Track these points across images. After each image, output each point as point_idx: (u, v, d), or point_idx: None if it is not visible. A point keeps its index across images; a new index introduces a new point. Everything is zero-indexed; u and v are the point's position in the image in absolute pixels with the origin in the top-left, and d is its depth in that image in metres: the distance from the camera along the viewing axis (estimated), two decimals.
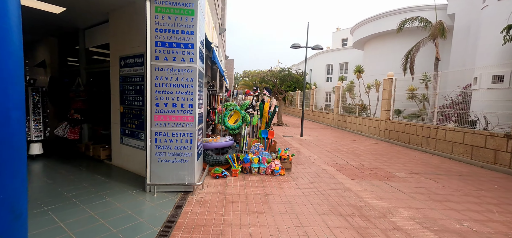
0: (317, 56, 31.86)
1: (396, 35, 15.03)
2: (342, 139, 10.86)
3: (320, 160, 6.58)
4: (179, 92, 3.68)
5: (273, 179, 4.76)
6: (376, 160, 6.90)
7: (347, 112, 15.37)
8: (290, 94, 31.68)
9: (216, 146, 4.99)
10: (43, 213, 2.96)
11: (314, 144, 9.03)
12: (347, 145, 9.25)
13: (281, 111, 16.57)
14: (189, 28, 3.63)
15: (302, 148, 8.10)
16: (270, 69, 16.79)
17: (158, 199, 3.55)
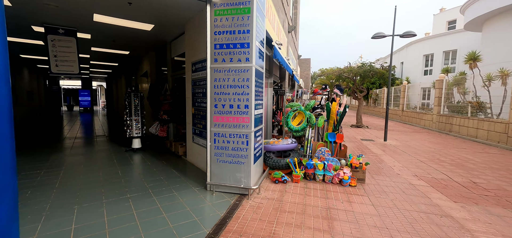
0: (411, 46, 26.89)
1: None
2: (444, 145, 8.58)
3: (407, 171, 5.33)
4: (236, 93, 3.65)
5: (341, 190, 4.12)
6: (498, 177, 5.02)
7: (453, 112, 12.17)
8: (374, 93, 28.06)
9: (277, 148, 4.76)
10: (125, 200, 3.50)
11: (401, 151, 7.48)
12: (451, 153, 7.21)
13: (361, 111, 14.73)
14: (245, 27, 3.54)
15: (384, 155, 6.83)
16: (348, 65, 15.20)
17: (215, 199, 3.63)
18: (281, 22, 7.14)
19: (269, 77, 6.54)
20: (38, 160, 5.49)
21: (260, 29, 3.99)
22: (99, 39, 7.18)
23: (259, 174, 4.25)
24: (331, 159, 4.71)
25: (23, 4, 4.49)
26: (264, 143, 4.82)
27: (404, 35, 9.15)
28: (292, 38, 10.75)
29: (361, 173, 4.56)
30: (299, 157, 4.77)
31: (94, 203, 3.39)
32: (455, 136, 11.01)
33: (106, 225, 2.83)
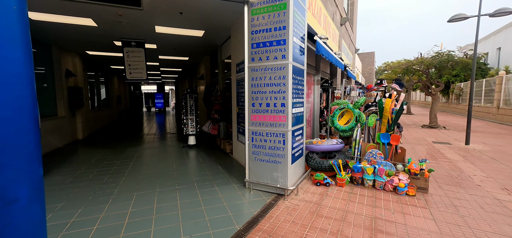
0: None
1: None
2: None
3: (493, 183, 4.25)
4: (272, 92, 3.61)
5: (394, 199, 3.59)
6: None
7: None
8: (458, 87, 23.47)
9: (320, 148, 4.48)
10: (173, 191, 3.89)
11: (489, 158, 6.01)
12: None
13: (437, 109, 12.52)
14: (281, 24, 3.46)
15: (462, 162, 5.62)
16: (418, 56, 13.12)
17: (252, 197, 3.67)
18: (330, 15, 6.68)
19: (315, 74, 6.22)
20: (117, 152, 6.64)
21: (299, 25, 3.84)
22: (163, 48, 8.20)
23: (298, 174, 4.09)
24: (383, 163, 4.16)
25: (104, 23, 5.49)
26: (307, 143, 4.61)
27: (495, 14, 7.33)
28: (346, 31, 9.95)
29: (423, 181, 3.87)
30: (346, 159, 4.38)
31: (149, 191, 3.89)
32: None
33: (154, 211, 3.21)
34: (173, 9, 4.70)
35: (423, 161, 4.29)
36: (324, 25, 5.91)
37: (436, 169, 5.01)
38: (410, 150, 6.77)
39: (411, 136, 9.32)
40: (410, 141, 8.22)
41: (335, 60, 5.51)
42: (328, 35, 6.53)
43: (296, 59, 3.74)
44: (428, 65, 12.09)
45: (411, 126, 12.43)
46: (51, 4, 4.34)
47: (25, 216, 0.93)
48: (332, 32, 6.97)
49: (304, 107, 4.29)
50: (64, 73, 7.97)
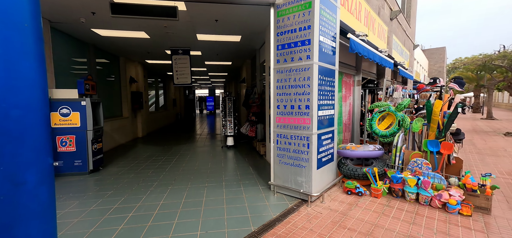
0: None
1: None
2: None
3: None
4: (297, 93, 3.50)
5: (441, 217, 3.05)
6: None
7: None
8: None
9: (354, 155, 4.11)
10: (202, 188, 4.13)
11: None
12: None
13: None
14: (306, 23, 3.34)
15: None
16: (498, 51, 10.88)
17: (275, 200, 3.61)
18: (375, 10, 6.07)
19: (356, 74, 5.74)
20: (165, 150, 7.40)
21: (329, 23, 3.63)
22: (207, 54, 8.79)
23: (326, 181, 3.85)
24: (431, 175, 3.58)
25: (155, 35, 6.22)
26: (340, 148, 4.30)
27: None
28: (399, 26, 8.90)
29: (484, 199, 3.18)
30: (384, 168, 3.92)
31: (182, 186, 4.22)
32: None
33: (181, 205, 3.47)
34: (209, 17, 5.01)
35: (487, 175, 3.53)
36: (365, 22, 5.41)
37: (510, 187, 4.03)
38: (478, 162, 5.62)
39: (485, 145, 7.73)
40: (483, 151, 6.82)
41: (379, 59, 5.00)
42: (373, 31, 5.97)
43: (324, 59, 3.55)
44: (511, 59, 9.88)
45: (490, 133, 10.29)
46: (112, 22, 5.15)
47: (32, 197, 1.15)
48: (378, 28, 6.33)
49: (336, 110, 4.03)
50: (129, 80, 9.30)
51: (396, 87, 4.54)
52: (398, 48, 8.71)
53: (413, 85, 10.72)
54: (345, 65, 5.28)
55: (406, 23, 9.88)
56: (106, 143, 7.25)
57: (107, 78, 8.18)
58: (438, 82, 5.11)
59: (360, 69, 5.77)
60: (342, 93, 5.27)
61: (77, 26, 5.33)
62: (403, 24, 9.37)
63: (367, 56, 4.47)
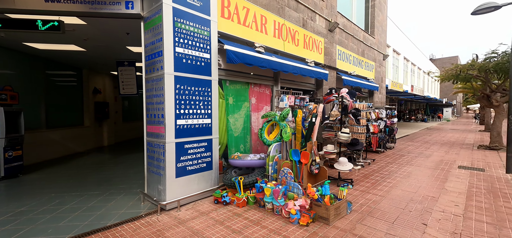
0: None
1: None
2: None
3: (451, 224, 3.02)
4: (157, 102, 3.63)
5: (275, 227, 3.01)
6: None
7: None
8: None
9: (238, 164, 4.12)
10: (80, 196, 4.28)
11: (505, 193, 4.24)
12: None
13: (500, 125, 9.60)
14: (158, 36, 3.51)
15: (458, 196, 4.16)
16: (471, 59, 10.50)
17: (137, 208, 3.69)
18: (298, 23, 6.12)
19: (274, 85, 5.77)
20: (110, 158, 7.64)
21: (194, 35, 3.77)
22: None
23: (195, 189, 3.85)
24: (292, 184, 3.54)
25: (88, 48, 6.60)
26: (235, 158, 4.32)
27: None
28: (350, 37, 8.84)
29: (324, 210, 3.11)
30: (257, 177, 3.91)
31: (72, 194, 4.40)
32: None
33: (51, 211, 3.63)
34: (120, 32, 5.30)
35: (344, 186, 3.45)
36: (278, 34, 5.47)
37: (396, 199, 3.87)
38: (385, 174, 5.40)
39: (437, 158, 7.39)
40: (428, 164, 6.54)
41: (279, 66, 5.00)
42: (293, 43, 6.01)
43: (188, 70, 3.68)
44: (479, 69, 9.45)
45: (464, 146, 9.81)
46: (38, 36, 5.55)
47: None
48: (305, 40, 6.34)
49: (215, 119, 4.10)
50: (92, 91, 9.80)
51: (286, 97, 4.49)
52: (349, 58, 8.64)
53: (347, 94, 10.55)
54: (261, 76, 5.34)
55: (363, 34, 9.79)
56: (56, 150, 7.63)
57: (64, 89, 8.65)
58: (333, 92, 5.03)
59: (278, 80, 5.81)
60: (252, 103, 5.32)
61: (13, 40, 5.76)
62: (357, 36, 9.31)
63: (252, 64, 4.49)
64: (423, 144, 10.69)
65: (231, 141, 4.80)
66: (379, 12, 11.09)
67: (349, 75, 8.41)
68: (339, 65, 8.05)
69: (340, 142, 4.70)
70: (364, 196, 4.16)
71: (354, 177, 5.28)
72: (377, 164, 6.56)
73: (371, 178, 5.27)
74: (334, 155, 4.73)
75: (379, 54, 11.46)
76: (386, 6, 11.93)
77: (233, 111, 4.87)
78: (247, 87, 5.22)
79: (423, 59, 30.23)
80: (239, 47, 4.39)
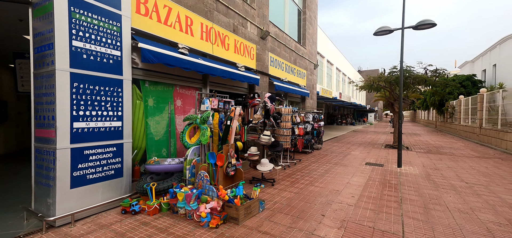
0: (506, 42, 20.36)
1: None
2: (495, 180, 5.48)
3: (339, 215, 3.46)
4: (47, 102, 3.15)
5: (189, 233, 2.92)
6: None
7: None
8: (450, 105, 22.20)
9: (151, 169, 3.89)
10: None
11: (393, 183, 5.14)
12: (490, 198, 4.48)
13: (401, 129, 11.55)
14: (48, 26, 3.06)
15: (351, 188, 4.80)
16: (380, 73, 12.48)
17: (23, 226, 3.11)
18: (228, 28, 6.23)
19: (202, 88, 5.70)
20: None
21: (100, 30, 3.42)
22: None
23: (93, 200, 3.45)
24: (208, 187, 3.51)
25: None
26: (151, 163, 4.04)
27: (418, 27, 6.69)
28: (282, 45, 9.45)
29: (234, 211, 3.18)
30: (173, 181, 3.76)
31: None
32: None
33: None
34: (11, 18, 4.46)
35: (258, 185, 3.61)
36: (206, 37, 5.45)
37: (308, 195, 4.25)
38: (321, 173, 5.98)
39: (352, 157, 8.45)
40: (344, 162, 7.39)
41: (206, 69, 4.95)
42: (222, 47, 6.07)
43: (91, 67, 3.30)
44: (385, 81, 11.33)
45: (375, 146, 11.46)
46: None
47: None
48: (234, 45, 6.48)
49: (126, 121, 3.78)
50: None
51: (208, 100, 4.52)
52: (281, 65, 9.20)
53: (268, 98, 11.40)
54: (179, 77, 5.16)
55: (295, 44, 10.60)
56: None
57: None
58: (257, 96, 5.36)
59: (207, 83, 5.76)
60: (177, 105, 5.13)
61: None
62: (290, 45, 10.01)
63: (171, 64, 4.32)
64: (346, 144, 12.12)
65: (151, 145, 4.51)
66: (309, 25, 12.18)
67: (281, 81, 8.95)
68: (272, 72, 8.49)
69: (262, 144, 4.93)
70: (281, 194, 4.44)
71: (278, 177, 5.61)
72: (302, 164, 7.13)
73: (293, 176, 5.68)
74: (257, 156, 4.93)
75: (310, 64, 12.57)
76: (316, 20, 13.21)
77: (154, 114, 4.59)
78: (172, 89, 5.01)
79: (352, 71, 34.57)
80: (159, 46, 4.18)
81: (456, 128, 19.48)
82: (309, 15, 12.11)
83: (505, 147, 10.27)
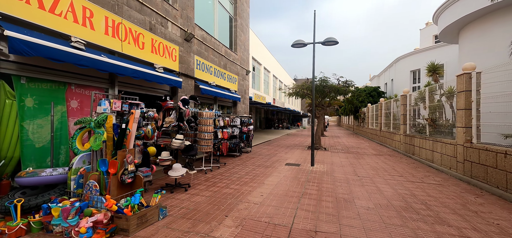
0: (399, 62, 25.33)
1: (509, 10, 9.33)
2: (379, 172, 6.66)
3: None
4: None
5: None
6: None
7: (417, 132, 10.21)
8: (362, 111, 26.22)
9: (30, 182, 3.24)
10: None
11: (314, 181, 5.69)
12: (379, 184, 5.36)
13: (320, 131, 12.97)
14: None
15: (268, 188, 5.09)
16: (303, 81, 13.83)
17: None
18: (143, 25, 5.86)
19: (110, 88, 5.15)
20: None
21: None
22: None
23: None
24: (96, 198, 3.13)
25: None
26: (22, 175, 3.32)
27: (326, 43, 7.70)
28: (209, 49, 9.46)
29: (124, 221, 2.93)
30: (61, 194, 3.23)
31: None
32: (417, 160, 8.97)
33: None
34: None
35: (158, 192, 3.43)
36: (112, 32, 4.96)
37: (220, 197, 4.28)
38: (242, 174, 6.13)
39: (277, 158, 8.99)
40: (267, 164, 7.77)
41: (109, 67, 4.48)
42: (136, 45, 5.65)
43: None
44: (307, 88, 12.61)
45: (300, 148, 12.47)
46: None
47: None
48: (151, 44, 6.11)
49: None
50: None
51: (106, 102, 4.13)
52: (209, 69, 9.16)
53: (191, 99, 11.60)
54: (74, 75, 4.52)
55: (225, 50, 10.75)
56: None
57: None
58: (169, 99, 5.26)
59: (115, 83, 5.23)
60: (72, 107, 4.46)
61: None
62: (219, 50, 10.08)
63: (76, 63, 3.83)
64: (276, 147, 12.86)
65: (28, 154, 3.77)
66: (241, 32, 12.57)
67: (209, 85, 8.89)
68: (198, 75, 8.35)
69: (173, 148, 4.74)
70: (192, 199, 4.34)
71: (195, 181, 5.49)
72: (226, 167, 7.18)
73: (211, 180, 5.65)
74: (169, 161, 4.70)
75: (242, 69, 12.94)
76: (248, 29, 13.73)
77: (35, 116, 3.87)
78: (64, 87, 4.34)
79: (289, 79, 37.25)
80: (41, 37, 3.56)
81: (366, 131, 23.06)
82: (241, 22, 12.50)
83: (394, 146, 12.70)
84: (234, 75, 11.69)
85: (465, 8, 11.36)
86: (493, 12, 10.38)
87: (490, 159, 5.05)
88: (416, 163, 8.48)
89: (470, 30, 12.13)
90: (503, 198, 4.54)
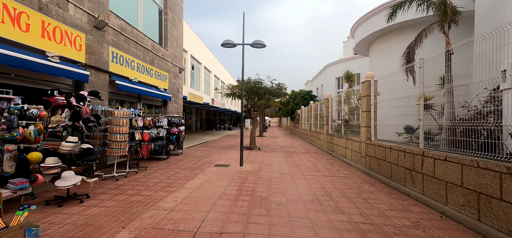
0: (327, 69, 28.29)
1: (403, 30, 11.37)
2: (300, 168, 7.10)
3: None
4: None
5: None
6: None
7: (335, 131, 11.43)
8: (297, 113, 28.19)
9: None
10: None
11: (237, 181, 5.57)
12: (287, 184, 5.59)
13: (255, 131, 13.26)
14: None
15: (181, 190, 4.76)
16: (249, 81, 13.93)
17: None
18: (29, 4, 4.80)
19: None
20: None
21: None
22: None
23: None
24: None
25: None
26: None
27: (254, 45, 7.86)
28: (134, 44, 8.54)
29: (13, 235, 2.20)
30: None
31: None
32: (336, 156, 10.00)
33: None
34: None
35: (24, 208, 2.74)
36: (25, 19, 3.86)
37: (124, 207, 3.74)
38: (161, 179, 5.59)
39: (207, 160, 8.67)
40: (195, 166, 7.36)
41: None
42: (16, 26, 4.56)
43: None
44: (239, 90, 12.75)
45: (235, 148, 12.41)
46: None
47: None
48: (42, 27, 5.04)
49: None
50: None
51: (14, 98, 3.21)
52: (131, 64, 8.21)
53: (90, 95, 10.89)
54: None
55: (152, 44, 9.89)
56: None
57: None
58: (56, 94, 4.50)
59: None
60: None
61: None
62: (144, 43, 9.18)
63: None
64: (211, 148, 12.50)
65: None
66: (173, 27, 11.80)
67: (129, 81, 7.95)
68: (115, 69, 7.36)
69: (63, 152, 3.95)
70: (85, 212, 3.68)
71: (98, 190, 4.73)
72: (146, 172, 6.50)
73: (121, 188, 4.98)
74: (57, 169, 3.89)
75: (175, 67, 12.15)
76: (181, 24, 13.01)
77: None
78: None
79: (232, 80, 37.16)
80: None
81: (300, 132, 24.88)
82: (172, 17, 11.73)
83: (320, 144, 14.01)
84: (164, 72, 10.86)
85: (373, 25, 13.44)
86: (393, 31, 12.54)
87: (381, 153, 5.96)
88: (334, 159, 9.47)
89: (377, 44, 14.41)
90: (389, 185, 5.40)
